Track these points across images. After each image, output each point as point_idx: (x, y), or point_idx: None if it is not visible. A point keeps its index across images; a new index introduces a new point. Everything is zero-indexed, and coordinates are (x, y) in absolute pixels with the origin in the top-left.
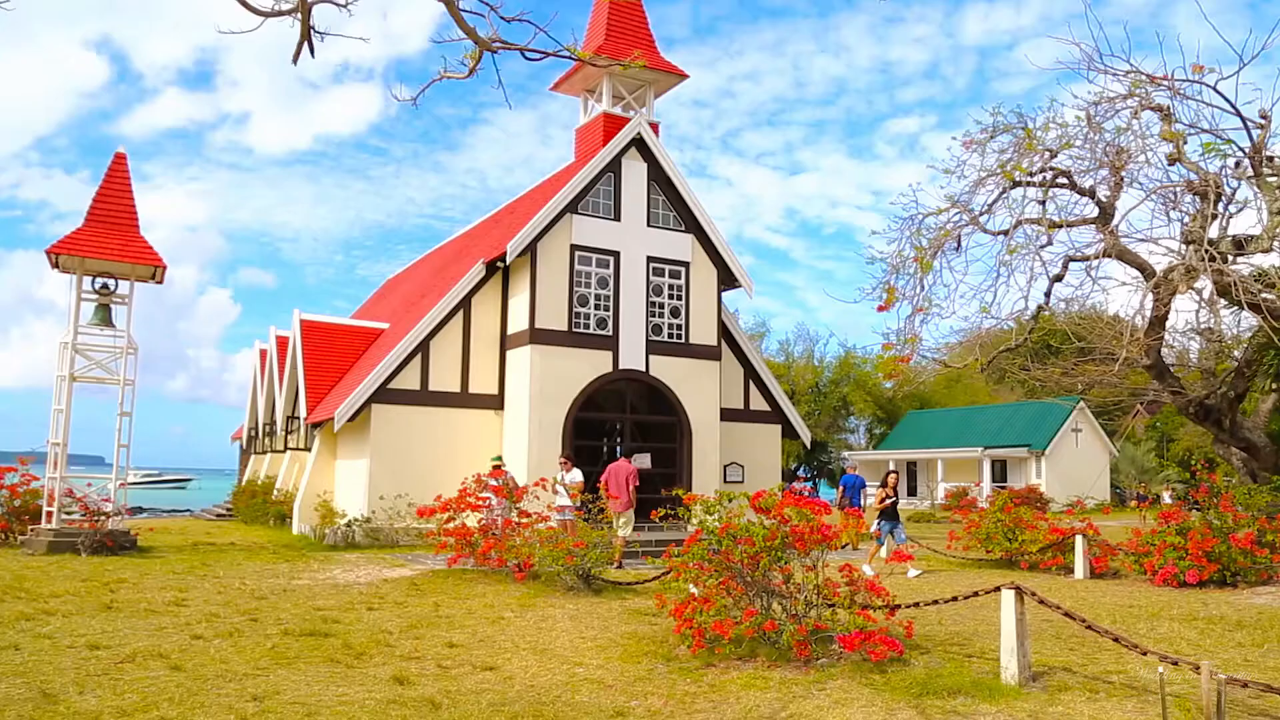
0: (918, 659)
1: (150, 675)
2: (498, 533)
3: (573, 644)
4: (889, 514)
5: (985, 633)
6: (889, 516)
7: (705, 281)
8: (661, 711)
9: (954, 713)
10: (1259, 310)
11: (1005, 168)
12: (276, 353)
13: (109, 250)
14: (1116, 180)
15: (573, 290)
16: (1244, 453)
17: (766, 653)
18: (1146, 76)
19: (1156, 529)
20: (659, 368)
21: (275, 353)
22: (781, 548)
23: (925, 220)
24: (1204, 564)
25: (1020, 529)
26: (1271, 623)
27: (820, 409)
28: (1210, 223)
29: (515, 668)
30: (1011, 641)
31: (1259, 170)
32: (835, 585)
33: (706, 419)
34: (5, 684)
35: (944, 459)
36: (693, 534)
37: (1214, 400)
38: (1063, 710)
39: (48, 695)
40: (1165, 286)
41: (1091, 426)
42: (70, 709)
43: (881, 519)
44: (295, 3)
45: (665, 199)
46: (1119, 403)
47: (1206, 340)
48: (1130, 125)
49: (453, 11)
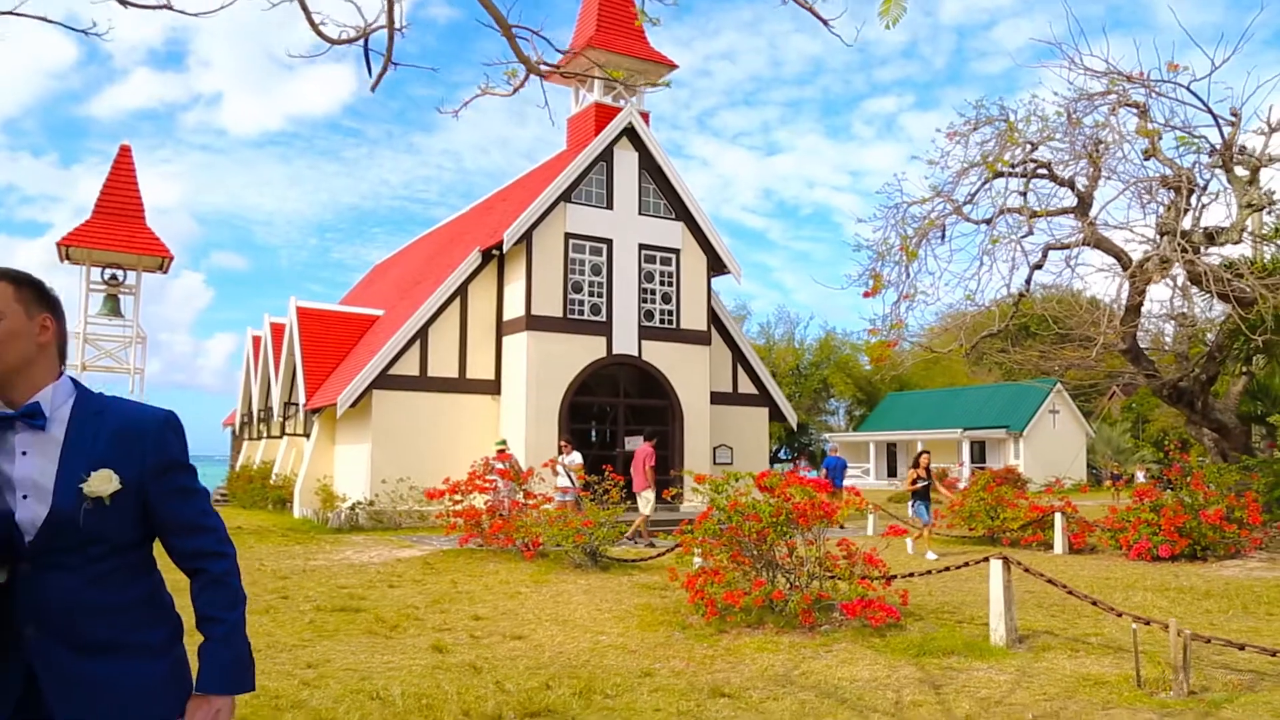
0: (913, 625)
1: None
2: (505, 514)
3: (591, 615)
4: (921, 494)
5: (972, 602)
6: (921, 497)
7: (695, 268)
8: (684, 672)
9: (950, 669)
10: (1228, 299)
11: (988, 159)
12: (271, 340)
13: (117, 242)
14: (1094, 171)
15: (567, 277)
16: (1215, 433)
17: (774, 620)
18: (1124, 76)
19: (1131, 506)
20: (651, 353)
21: (270, 340)
22: (786, 523)
23: (910, 209)
24: (1176, 539)
25: (1002, 507)
26: (1237, 592)
27: (801, 391)
28: (1183, 215)
29: (542, 637)
30: (1000, 606)
31: (1229, 166)
32: (835, 558)
33: (697, 402)
34: None
35: (923, 440)
36: (703, 512)
37: (1187, 383)
38: (1047, 665)
39: None
40: (1140, 275)
41: (1069, 408)
42: None
43: (915, 499)
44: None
45: (656, 187)
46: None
47: (1180, 325)
48: (1108, 121)
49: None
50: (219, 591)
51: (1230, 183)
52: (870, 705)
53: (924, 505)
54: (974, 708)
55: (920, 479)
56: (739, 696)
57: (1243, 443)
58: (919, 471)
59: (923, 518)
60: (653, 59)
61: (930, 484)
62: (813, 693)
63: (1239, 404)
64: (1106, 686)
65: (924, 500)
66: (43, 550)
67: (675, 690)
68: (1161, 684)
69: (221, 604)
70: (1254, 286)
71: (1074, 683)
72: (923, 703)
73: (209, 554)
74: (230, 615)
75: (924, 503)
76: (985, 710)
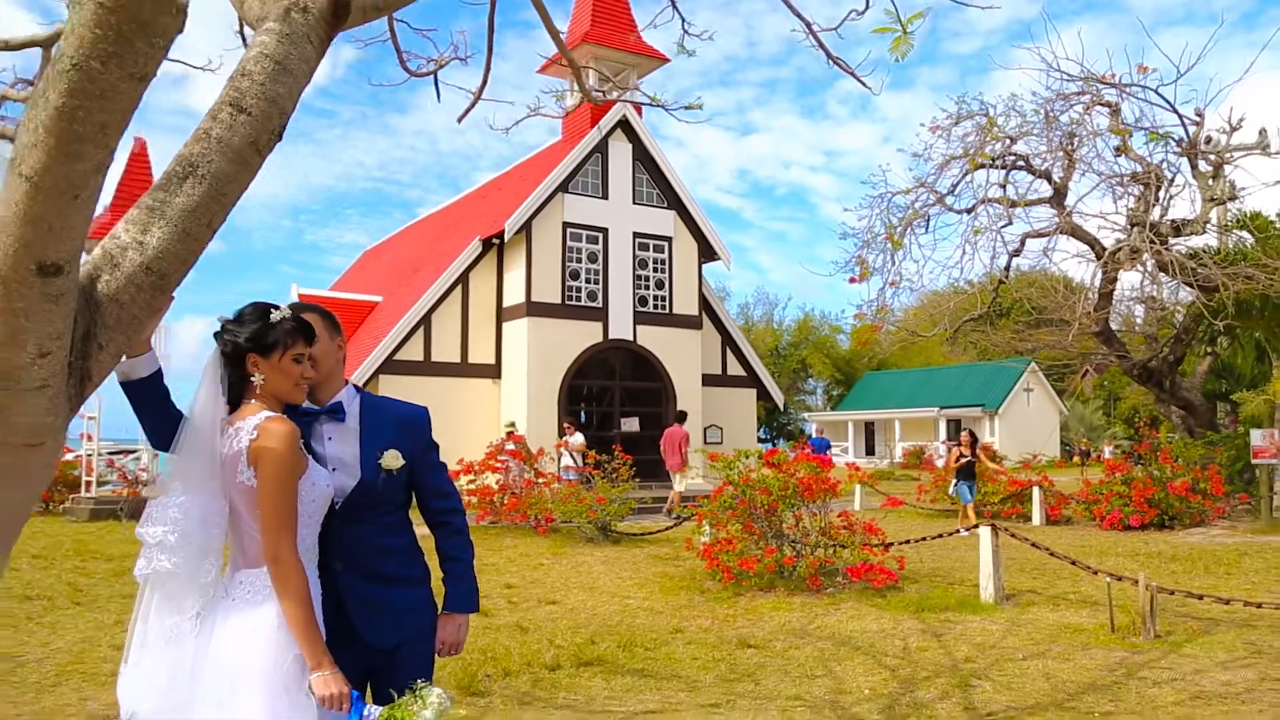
0: (910, 586)
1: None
2: (518, 491)
3: (614, 583)
4: (965, 473)
5: (961, 568)
6: (965, 475)
7: (687, 255)
8: (711, 629)
9: (948, 621)
10: (1193, 286)
11: (970, 153)
12: None
13: None
14: (1069, 164)
15: (565, 265)
16: (1182, 411)
17: (784, 584)
18: (1097, 78)
19: (1105, 480)
20: (645, 337)
21: None
22: (794, 496)
23: (894, 199)
24: (1146, 510)
25: (983, 481)
26: (1200, 556)
27: (780, 371)
28: (1152, 208)
29: (574, 602)
30: (989, 568)
31: (1194, 163)
32: (838, 528)
33: (689, 384)
34: None
35: (901, 419)
36: (718, 486)
37: (1156, 364)
38: (1032, 617)
39: None
40: (1112, 264)
41: (1043, 386)
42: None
43: (959, 478)
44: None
45: (649, 177)
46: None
47: (1150, 308)
48: (1082, 119)
49: (576, 74)
50: (458, 539)
51: (1195, 178)
52: (882, 651)
53: (966, 485)
54: (972, 651)
55: (963, 457)
56: (764, 647)
57: (1208, 419)
58: (963, 450)
59: (964, 498)
60: (645, 53)
61: (975, 462)
62: (829, 642)
63: (1205, 383)
64: (1085, 633)
65: (967, 479)
66: (349, 509)
67: (706, 643)
68: (1132, 630)
69: (460, 548)
70: (1216, 275)
71: (1057, 630)
72: (927, 648)
73: (451, 511)
74: (466, 556)
75: (967, 482)
76: (982, 653)
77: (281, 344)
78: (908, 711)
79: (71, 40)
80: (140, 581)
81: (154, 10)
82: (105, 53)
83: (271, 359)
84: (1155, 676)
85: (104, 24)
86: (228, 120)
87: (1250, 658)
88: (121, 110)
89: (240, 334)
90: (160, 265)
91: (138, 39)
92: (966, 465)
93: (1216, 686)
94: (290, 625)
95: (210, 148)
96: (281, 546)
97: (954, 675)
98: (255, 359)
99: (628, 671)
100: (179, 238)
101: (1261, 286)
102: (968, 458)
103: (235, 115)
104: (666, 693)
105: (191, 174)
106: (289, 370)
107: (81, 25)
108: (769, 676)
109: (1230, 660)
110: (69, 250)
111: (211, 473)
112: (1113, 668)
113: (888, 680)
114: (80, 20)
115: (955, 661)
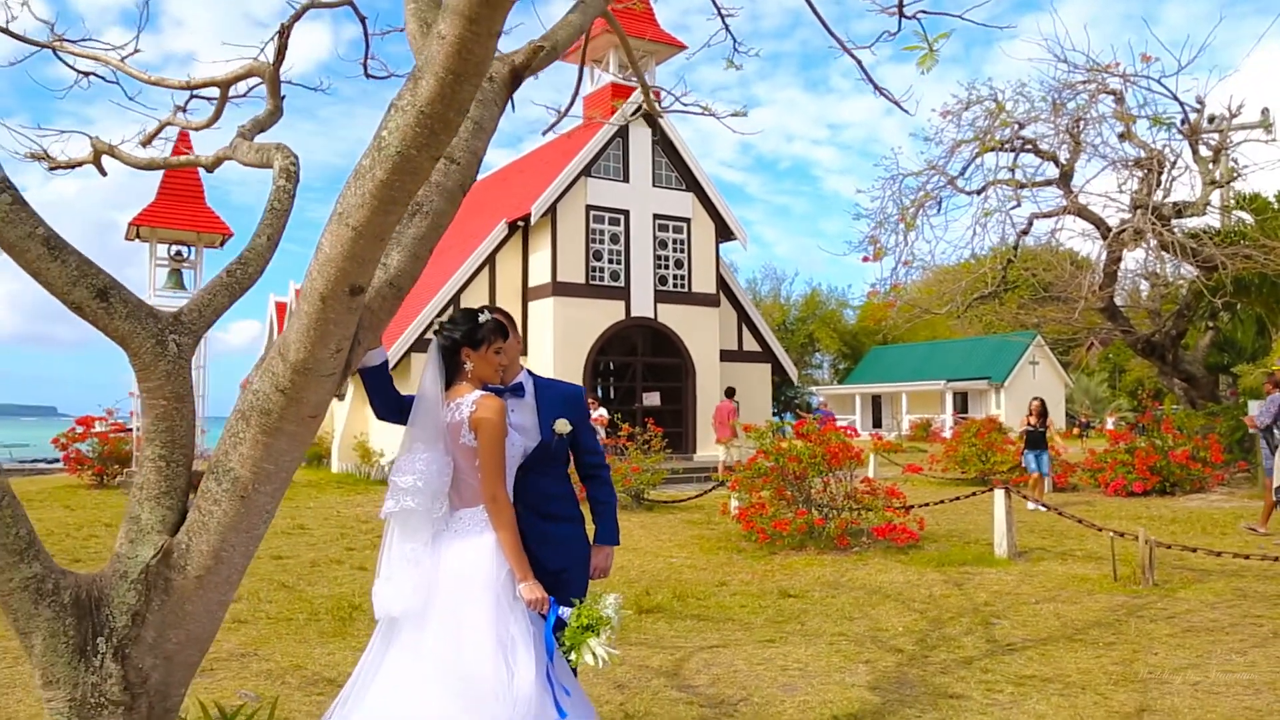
0: (930, 545)
1: (346, 574)
2: None
3: (656, 545)
4: (1034, 441)
5: (974, 529)
6: (1035, 444)
7: (705, 235)
8: (752, 582)
9: (966, 573)
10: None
11: (981, 138)
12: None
13: (182, 221)
14: (1075, 147)
15: (589, 246)
16: (1185, 383)
17: (814, 544)
18: (1102, 67)
19: (1109, 449)
20: (666, 315)
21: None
22: (822, 463)
23: (905, 180)
24: (1148, 477)
25: (992, 451)
26: (1198, 518)
27: (787, 346)
28: (1155, 191)
29: (621, 561)
30: (1003, 527)
31: (1195, 147)
32: (862, 493)
33: (708, 360)
34: (247, 583)
35: (908, 392)
36: (752, 455)
37: (1159, 338)
38: (1043, 570)
39: (286, 587)
40: (1116, 244)
41: (1048, 359)
42: (310, 594)
43: (1028, 448)
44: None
45: (668, 161)
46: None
47: (1153, 284)
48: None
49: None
50: (606, 487)
51: (1196, 162)
52: (909, 598)
53: (1035, 455)
54: (990, 597)
55: (1032, 426)
56: (803, 596)
57: (1210, 391)
58: (1031, 419)
59: (1030, 468)
60: (662, 40)
61: (1044, 432)
62: (861, 591)
63: (1206, 356)
64: (1090, 582)
65: (1036, 449)
66: (531, 463)
67: (750, 594)
68: (1132, 579)
69: (607, 494)
70: (1216, 255)
71: (1065, 580)
72: (949, 595)
73: (600, 466)
74: (611, 499)
75: (1036, 452)
76: (999, 598)
77: (487, 340)
78: (938, 643)
79: (396, 134)
80: (385, 519)
81: (456, 113)
82: (420, 143)
83: (479, 351)
84: (1152, 615)
85: (422, 124)
86: (443, 169)
87: (1236, 600)
88: (421, 180)
89: (456, 333)
90: (398, 280)
91: (442, 133)
92: (1035, 434)
93: (1204, 622)
94: (503, 548)
95: (431, 191)
96: (497, 490)
97: (976, 616)
98: (468, 351)
99: (686, 616)
100: (410, 259)
101: (1260, 265)
102: (1035, 427)
103: (449, 165)
104: (725, 632)
105: (419, 211)
106: (491, 360)
107: (405, 125)
108: (812, 619)
109: (1218, 602)
110: (369, 276)
111: (438, 435)
112: (1115, 609)
113: (918, 620)
114: (404, 121)
115: (976, 605)
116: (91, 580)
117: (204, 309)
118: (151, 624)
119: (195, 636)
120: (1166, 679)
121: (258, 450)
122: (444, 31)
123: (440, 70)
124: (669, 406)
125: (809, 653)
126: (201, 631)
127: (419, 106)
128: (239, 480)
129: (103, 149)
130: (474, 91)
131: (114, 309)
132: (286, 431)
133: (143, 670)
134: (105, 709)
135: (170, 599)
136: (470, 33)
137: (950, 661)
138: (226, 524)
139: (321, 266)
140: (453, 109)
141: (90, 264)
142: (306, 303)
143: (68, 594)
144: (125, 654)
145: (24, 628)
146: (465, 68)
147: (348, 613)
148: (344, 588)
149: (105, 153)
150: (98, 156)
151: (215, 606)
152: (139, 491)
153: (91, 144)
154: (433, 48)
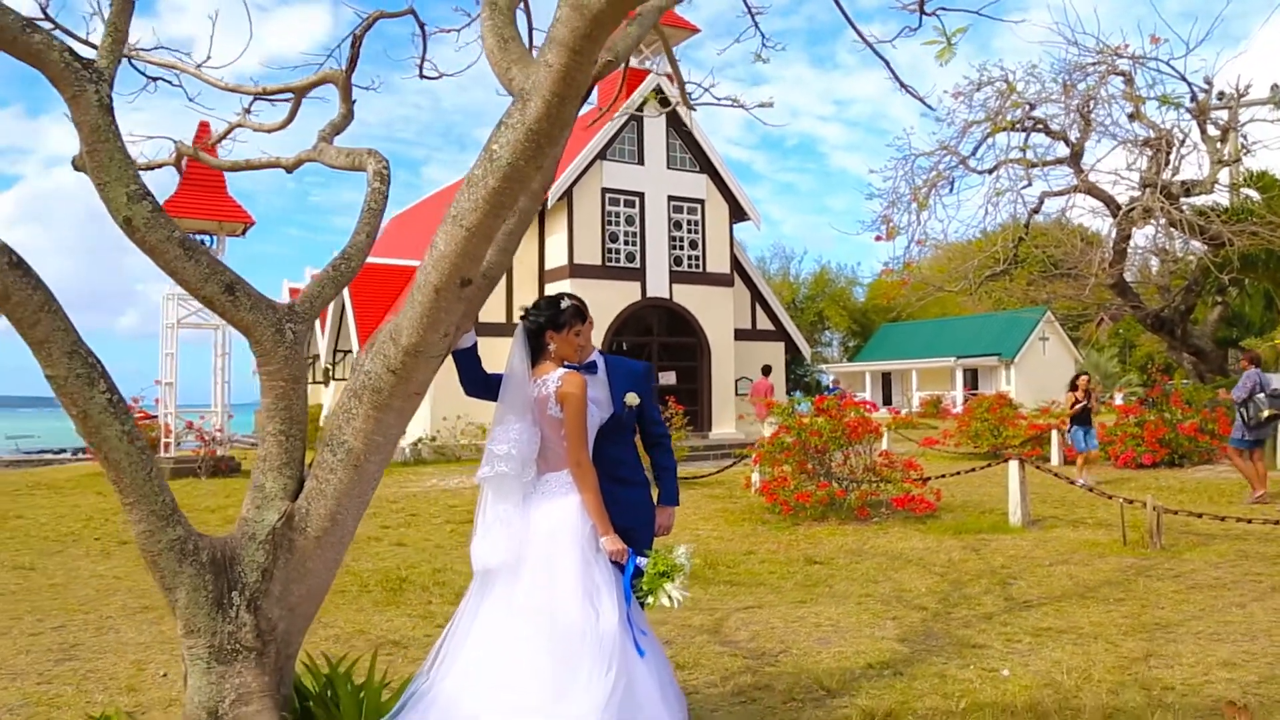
0: (946, 515)
1: (386, 549)
2: None
3: (681, 518)
4: (1081, 418)
5: (988, 500)
6: (1081, 421)
7: (718, 216)
8: (778, 550)
9: (983, 540)
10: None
11: (993, 119)
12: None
13: (205, 210)
14: (1086, 127)
15: (604, 228)
16: (1194, 357)
17: (835, 515)
18: (1112, 50)
19: (1119, 422)
20: (680, 295)
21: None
22: (842, 438)
23: (917, 161)
24: (1157, 449)
25: (1004, 426)
26: (1205, 489)
27: (797, 324)
28: (1164, 169)
29: None
30: (1017, 497)
31: (1203, 128)
32: (881, 465)
33: (722, 339)
34: None
35: (918, 369)
36: (775, 431)
37: (1168, 313)
38: (1055, 536)
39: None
40: (1125, 222)
41: (1058, 335)
42: (356, 569)
43: (1074, 424)
44: None
45: (682, 143)
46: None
47: (1162, 260)
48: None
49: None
50: (667, 453)
51: (1204, 141)
52: (930, 562)
53: (1082, 431)
54: (1006, 560)
55: (1078, 402)
56: (828, 563)
57: (1219, 365)
58: (1077, 395)
59: (1079, 445)
60: (676, 24)
61: (1090, 407)
62: (884, 558)
63: (1215, 330)
64: (1101, 546)
65: (1083, 425)
66: (604, 433)
67: (777, 561)
68: (1141, 543)
69: (669, 459)
70: (1223, 231)
71: (1077, 545)
72: (968, 559)
73: (664, 435)
74: (672, 464)
75: (1083, 428)
76: (1015, 562)
77: (569, 323)
78: (959, 601)
79: (506, 148)
80: (479, 482)
81: (560, 130)
82: (527, 156)
83: (562, 333)
84: (1159, 575)
85: (530, 140)
86: None
87: (1238, 560)
88: (526, 188)
89: (541, 317)
90: (490, 273)
91: (547, 147)
92: (1082, 411)
93: (1208, 580)
94: (587, 507)
95: None
96: (581, 456)
97: (994, 577)
98: (551, 333)
99: (719, 582)
100: (501, 253)
101: (1266, 241)
102: (1082, 403)
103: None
104: (758, 594)
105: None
106: (571, 341)
107: (515, 140)
108: (839, 582)
109: (1221, 563)
110: (478, 270)
111: (526, 408)
112: (1124, 570)
113: (939, 582)
114: (514, 137)
115: (993, 568)
116: (223, 542)
117: (314, 299)
118: (278, 579)
119: (314, 590)
120: (1171, 629)
121: (369, 424)
122: (550, 60)
123: (547, 94)
124: (684, 386)
125: (839, 611)
126: (320, 586)
127: (528, 124)
128: (352, 451)
129: (186, 152)
130: (575, 111)
131: (239, 301)
132: (394, 407)
133: (272, 620)
134: (240, 654)
135: (294, 557)
136: (574, 62)
137: (971, 617)
138: (341, 490)
139: (436, 262)
140: (557, 126)
141: (218, 263)
142: (420, 294)
143: (205, 554)
144: (257, 606)
145: (169, 583)
146: (569, 91)
147: (396, 584)
148: (387, 562)
149: (189, 156)
150: (179, 159)
151: (331, 563)
152: (262, 463)
153: (176, 147)
154: (540, 74)
